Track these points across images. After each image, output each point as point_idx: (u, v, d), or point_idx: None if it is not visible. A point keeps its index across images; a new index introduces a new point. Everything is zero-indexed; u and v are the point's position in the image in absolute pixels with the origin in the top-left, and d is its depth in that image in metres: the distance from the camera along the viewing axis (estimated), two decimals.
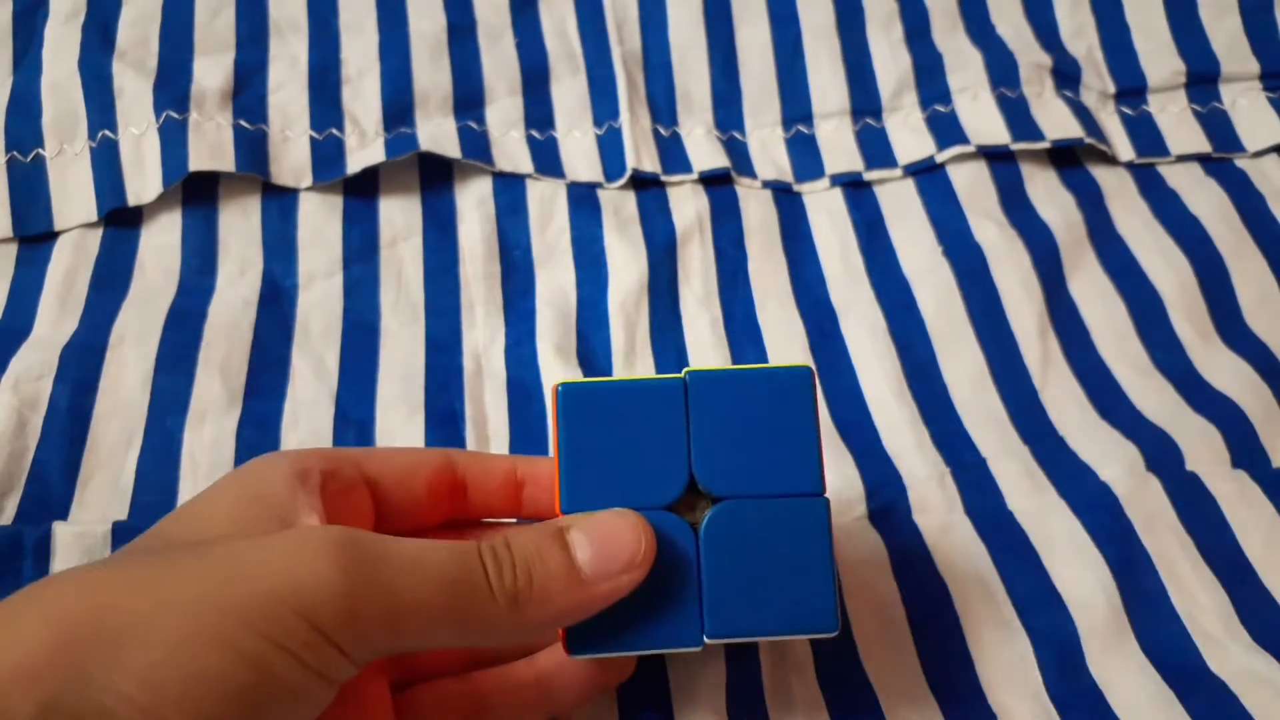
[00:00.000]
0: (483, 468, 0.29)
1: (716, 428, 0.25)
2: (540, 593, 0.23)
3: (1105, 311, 0.41)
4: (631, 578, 0.24)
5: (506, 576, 0.23)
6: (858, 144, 0.47)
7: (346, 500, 0.26)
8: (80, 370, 0.37)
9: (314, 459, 0.26)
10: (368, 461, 0.27)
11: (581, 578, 0.24)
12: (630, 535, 0.24)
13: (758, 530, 0.25)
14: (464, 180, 0.45)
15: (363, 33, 0.47)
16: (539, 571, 0.24)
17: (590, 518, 0.25)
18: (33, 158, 0.43)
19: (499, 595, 0.23)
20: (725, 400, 0.25)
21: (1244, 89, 0.48)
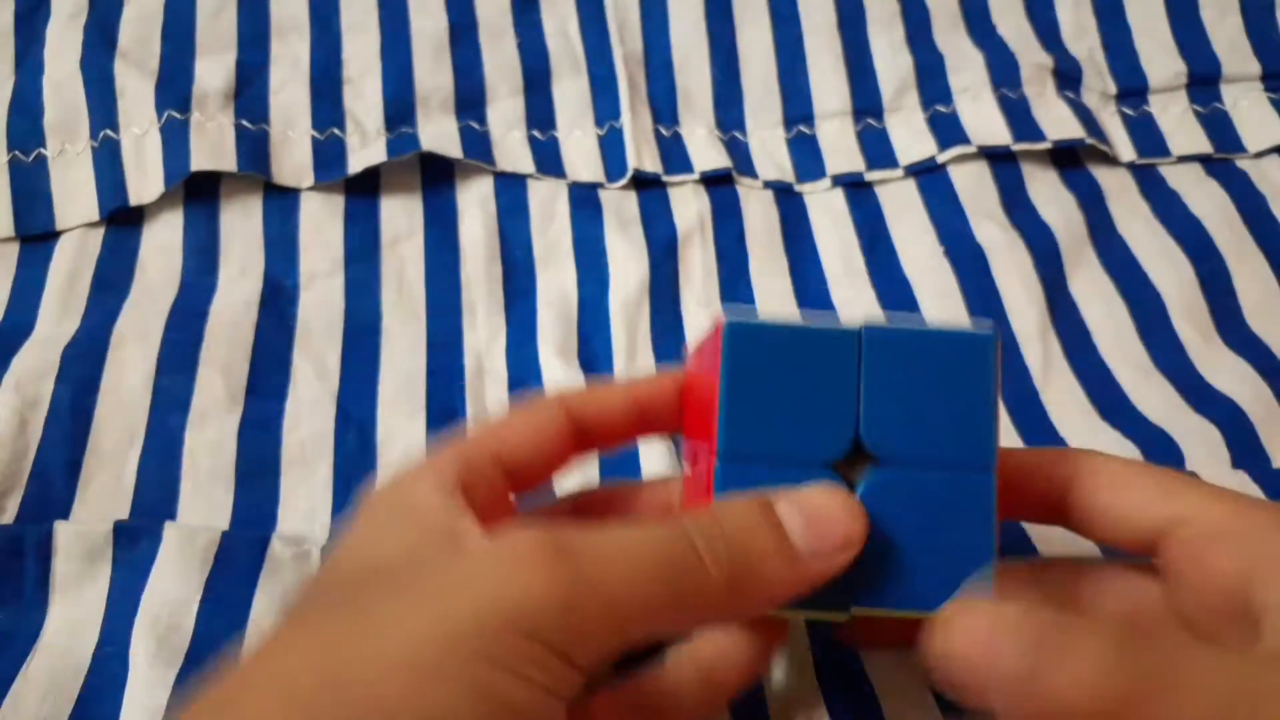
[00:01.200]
0: (600, 408, 0.27)
1: (889, 387, 0.24)
2: (758, 570, 0.22)
3: (1106, 312, 0.41)
4: (847, 555, 0.23)
5: (721, 555, 0.22)
6: (859, 144, 0.47)
7: (487, 492, 0.25)
8: (82, 370, 0.37)
9: (448, 463, 0.25)
10: (495, 444, 0.26)
11: (797, 554, 0.23)
12: (843, 512, 0.23)
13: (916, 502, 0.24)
14: (465, 180, 0.45)
15: (364, 32, 0.47)
16: (755, 549, 0.22)
17: (797, 493, 0.23)
18: (34, 157, 0.43)
19: (716, 575, 0.22)
20: (901, 360, 0.24)
21: (1245, 89, 0.48)
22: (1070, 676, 0.20)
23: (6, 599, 0.31)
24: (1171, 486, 0.25)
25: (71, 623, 0.31)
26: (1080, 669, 0.20)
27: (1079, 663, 0.20)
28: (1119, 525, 0.25)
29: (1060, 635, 0.20)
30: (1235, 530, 0.23)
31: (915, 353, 0.24)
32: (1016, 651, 0.20)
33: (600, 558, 0.21)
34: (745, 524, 0.23)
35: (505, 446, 0.26)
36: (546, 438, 0.27)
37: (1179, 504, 0.24)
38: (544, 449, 0.27)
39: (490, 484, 0.26)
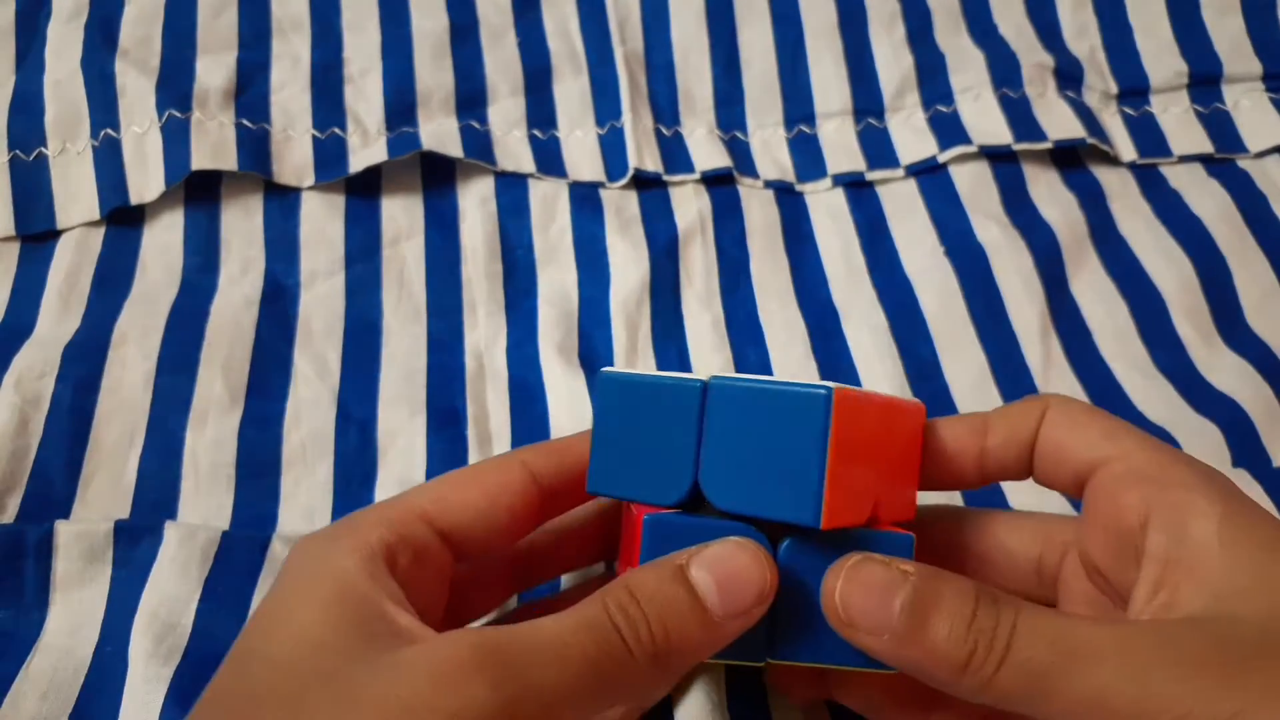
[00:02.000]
0: (559, 464, 0.27)
1: (727, 440, 0.24)
2: (677, 644, 0.23)
3: (1107, 312, 0.41)
4: (761, 610, 0.23)
5: (643, 636, 0.22)
6: (860, 144, 0.47)
7: (421, 569, 0.25)
8: (82, 369, 0.37)
9: (376, 534, 0.24)
10: (439, 515, 0.26)
11: (713, 619, 0.23)
12: (754, 567, 0.23)
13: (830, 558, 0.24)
14: (466, 180, 0.45)
15: (365, 32, 0.47)
16: (672, 623, 0.23)
17: (708, 551, 0.23)
18: (35, 156, 0.43)
19: (640, 658, 0.22)
20: (740, 413, 0.24)
21: (1246, 89, 0.48)
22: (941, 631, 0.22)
23: (7, 598, 0.31)
24: (1113, 430, 0.25)
25: (72, 622, 0.31)
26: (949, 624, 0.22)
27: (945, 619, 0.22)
28: (1062, 466, 0.26)
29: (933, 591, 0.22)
30: (1150, 474, 0.24)
31: (752, 406, 0.24)
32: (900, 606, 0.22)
33: (538, 663, 0.21)
34: (662, 598, 0.23)
35: (445, 512, 0.26)
36: (500, 506, 0.26)
37: (1113, 446, 0.25)
38: (494, 518, 0.26)
39: (423, 557, 0.25)
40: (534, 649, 0.21)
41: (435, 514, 0.25)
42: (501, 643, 0.21)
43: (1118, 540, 0.24)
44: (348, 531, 0.25)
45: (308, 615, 0.23)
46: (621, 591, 0.23)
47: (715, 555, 0.23)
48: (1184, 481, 0.23)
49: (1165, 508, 0.23)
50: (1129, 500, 0.24)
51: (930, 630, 0.22)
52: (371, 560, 0.24)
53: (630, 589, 0.23)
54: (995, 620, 0.22)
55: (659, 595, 0.23)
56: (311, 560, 0.24)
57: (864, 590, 0.23)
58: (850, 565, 0.23)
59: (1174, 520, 0.23)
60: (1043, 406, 0.26)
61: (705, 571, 0.23)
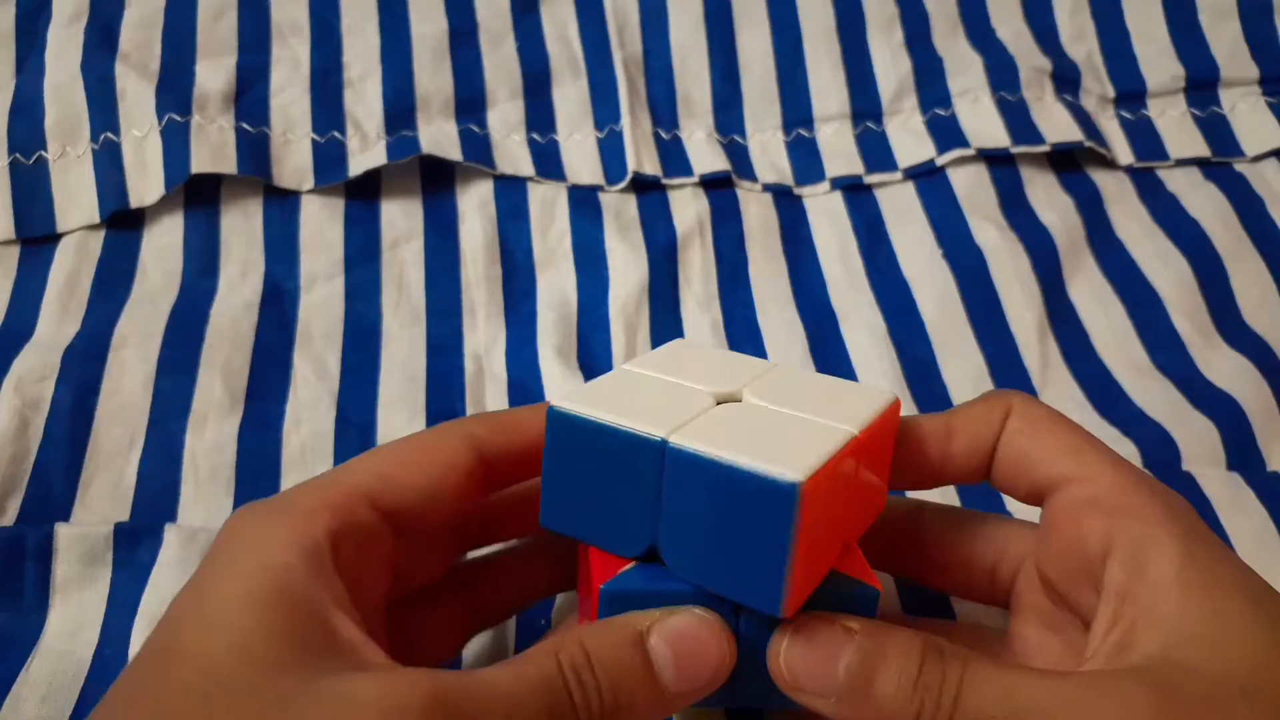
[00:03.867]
0: (511, 440, 0.26)
1: (687, 508, 0.22)
2: (624, 710, 0.22)
3: (1105, 314, 0.41)
4: (714, 687, 0.23)
5: (594, 704, 0.22)
6: (858, 147, 0.47)
7: (365, 556, 0.23)
8: (82, 372, 0.37)
9: (321, 523, 0.22)
10: (383, 495, 0.24)
11: (666, 695, 0.22)
12: (713, 646, 0.23)
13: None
14: (465, 183, 0.45)
15: (364, 36, 0.48)
16: (624, 692, 0.22)
17: (670, 623, 0.23)
18: (35, 160, 0.43)
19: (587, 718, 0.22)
20: (701, 485, 0.22)
21: (1243, 94, 0.48)
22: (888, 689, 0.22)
23: (7, 601, 0.31)
24: (1077, 445, 0.25)
25: (72, 625, 0.31)
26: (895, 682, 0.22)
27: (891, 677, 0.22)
28: (1021, 478, 0.25)
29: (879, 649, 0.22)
30: (1115, 503, 0.23)
31: (713, 481, 0.22)
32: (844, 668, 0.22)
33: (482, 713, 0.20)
34: (617, 665, 0.22)
35: (390, 490, 0.24)
36: (447, 485, 0.25)
37: (1077, 462, 0.24)
38: (440, 497, 0.24)
39: (367, 545, 0.24)
40: (487, 707, 0.20)
41: (379, 494, 0.24)
42: (454, 696, 0.20)
43: (1076, 564, 0.24)
44: (287, 518, 0.22)
45: (244, 618, 0.21)
46: (577, 650, 0.22)
47: (676, 628, 0.23)
48: (1147, 514, 0.23)
49: (1127, 541, 0.23)
50: (1090, 528, 0.23)
51: (876, 689, 0.22)
52: (316, 556, 0.22)
53: (586, 650, 0.22)
54: (942, 676, 0.21)
55: (614, 662, 0.22)
56: (248, 550, 0.22)
57: (807, 653, 0.22)
58: (794, 627, 0.23)
59: (1134, 555, 0.22)
60: (1005, 409, 0.26)
61: (664, 644, 0.22)
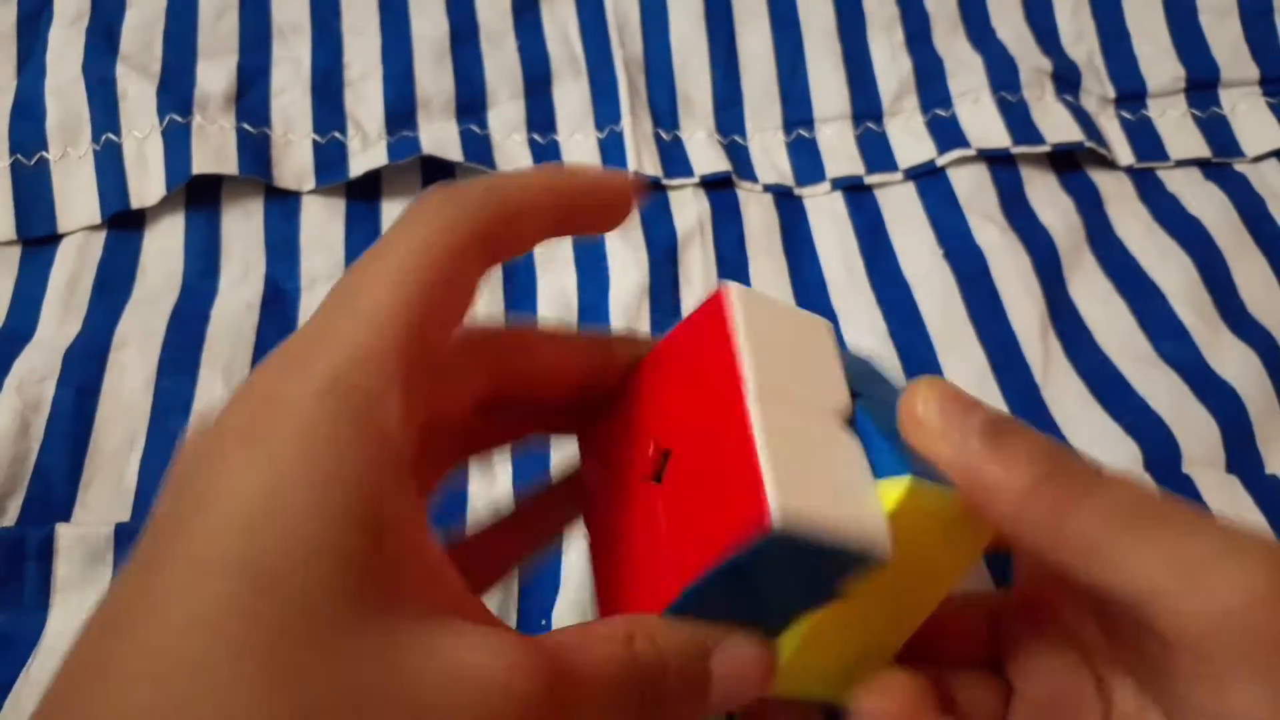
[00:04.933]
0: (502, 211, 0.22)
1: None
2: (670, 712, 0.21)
3: (1106, 314, 0.41)
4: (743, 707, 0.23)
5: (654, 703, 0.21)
6: (859, 147, 0.47)
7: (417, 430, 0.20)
8: (83, 373, 0.37)
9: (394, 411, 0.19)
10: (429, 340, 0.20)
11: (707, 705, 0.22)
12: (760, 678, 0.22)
13: None
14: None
15: (365, 36, 0.48)
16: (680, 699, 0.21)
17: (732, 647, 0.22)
18: (36, 160, 0.43)
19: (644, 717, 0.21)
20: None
21: (1244, 94, 0.48)
22: (1009, 467, 0.21)
23: (8, 601, 0.31)
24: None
25: (73, 625, 0.31)
26: (1016, 463, 0.21)
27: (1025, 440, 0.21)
28: None
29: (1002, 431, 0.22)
30: None
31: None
32: (968, 432, 0.22)
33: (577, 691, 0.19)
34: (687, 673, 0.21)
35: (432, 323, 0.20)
36: (465, 293, 0.22)
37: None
38: (463, 304, 0.22)
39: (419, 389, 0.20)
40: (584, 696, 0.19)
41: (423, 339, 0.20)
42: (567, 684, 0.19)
43: None
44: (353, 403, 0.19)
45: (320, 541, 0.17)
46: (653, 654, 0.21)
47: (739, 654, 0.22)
48: None
49: None
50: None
51: (1009, 444, 0.21)
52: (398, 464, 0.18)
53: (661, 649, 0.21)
54: (1082, 464, 0.21)
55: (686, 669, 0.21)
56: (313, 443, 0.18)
57: (944, 399, 0.22)
58: (926, 380, 0.23)
59: None
60: None
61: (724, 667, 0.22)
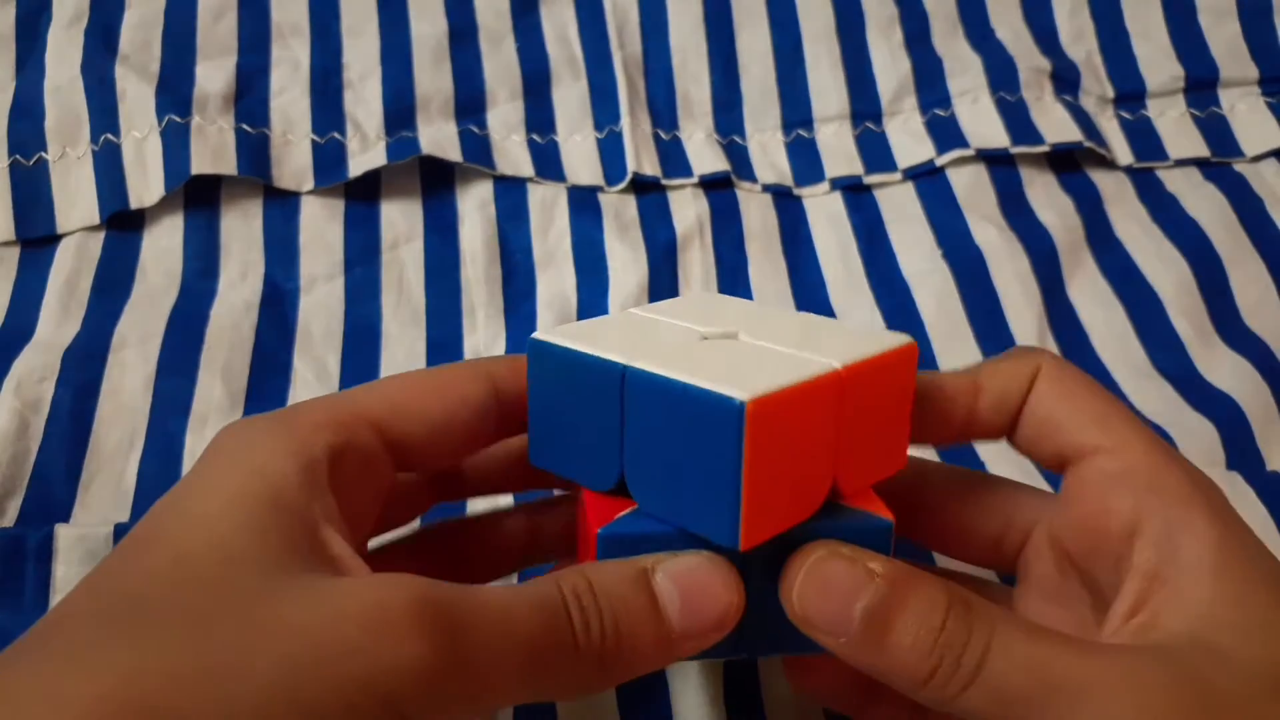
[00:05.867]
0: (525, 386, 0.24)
1: (646, 434, 0.22)
2: (628, 649, 0.21)
3: (1104, 314, 0.42)
4: (720, 635, 0.22)
5: (594, 633, 0.20)
6: (858, 148, 0.47)
7: (361, 482, 0.22)
8: (82, 373, 0.37)
9: (321, 438, 0.21)
10: (392, 421, 0.22)
11: (670, 635, 0.21)
12: (722, 590, 0.21)
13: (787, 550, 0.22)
14: (465, 184, 0.45)
15: (364, 37, 0.48)
16: (626, 628, 0.21)
17: (678, 562, 0.22)
18: (35, 161, 0.43)
19: (585, 656, 0.20)
20: (657, 407, 0.22)
21: (1242, 94, 0.48)
22: (905, 640, 0.20)
23: (7, 601, 0.31)
24: (1107, 413, 0.24)
25: None
26: (913, 634, 0.20)
27: (910, 628, 0.20)
28: (1045, 441, 0.24)
29: (899, 597, 0.21)
30: (1147, 480, 0.23)
31: (667, 402, 0.21)
32: (860, 611, 0.21)
33: (480, 631, 0.19)
34: (620, 594, 0.21)
35: (398, 420, 0.23)
36: (454, 418, 0.23)
37: (1106, 432, 0.24)
38: (452, 430, 0.23)
39: (365, 470, 0.22)
40: (480, 616, 0.19)
41: (387, 421, 0.22)
42: (447, 601, 0.19)
43: (1098, 539, 0.23)
44: (287, 428, 0.21)
45: (230, 518, 0.19)
46: (579, 579, 0.21)
47: (684, 568, 0.22)
48: (1181, 494, 0.22)
49: (1158, 521, 0.22)
50: (1119, 504, 0.23)
51: (892, 638, 0.20)
52: (311, 469, 0.21)
53: (590, 579, 0.21)
54: (967, 635, 0.20)
55: (618, 594, 0.21)
56: (241, 453, 0.21)
57: (823, 589, 0.21)
58: (812, 561, 0.21)
59: (1166, 536, 0.22)
60: (1034, 368, 0.25)
61: (670, 582, 0.21)
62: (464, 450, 0.24)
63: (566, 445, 0.23)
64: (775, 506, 0.22)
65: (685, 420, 0.21)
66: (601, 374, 0.22)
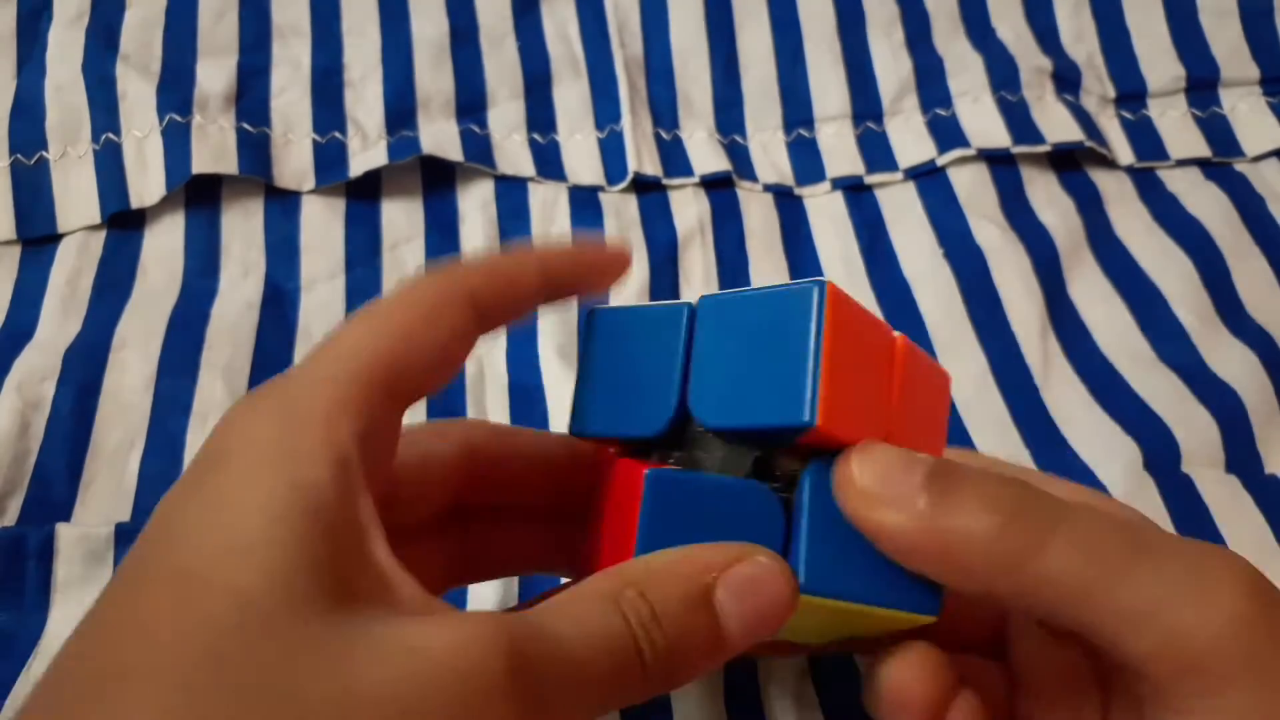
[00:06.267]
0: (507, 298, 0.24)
1: (716, 354, 0.23)
2: (685, 667, 0.21)
3: (1106, 312, 0.41)
4: (772, 635, 0.21)
5: (661, 660, 0.20)
6: (859, 147, 0.47)
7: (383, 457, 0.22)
8: (83, 372, 0.37)
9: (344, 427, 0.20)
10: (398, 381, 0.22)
11: (728, 644, 0.21)
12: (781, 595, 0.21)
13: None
14: (466, 183, 0.45)
15: (365, 36, 0.48)
16: (690, 648, 0.20)
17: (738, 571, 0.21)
18: (36, 160, 0.43)
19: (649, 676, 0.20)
20: (730, 325, 0.23)
21: (1244, 94, 0.48)
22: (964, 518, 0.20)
23: (8, 601, 0.31)
24: None
25: (73, 625, 0.30)
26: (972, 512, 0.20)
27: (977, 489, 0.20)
28: None
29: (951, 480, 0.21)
30: None
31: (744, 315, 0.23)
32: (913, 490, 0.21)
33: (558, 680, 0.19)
34: (685, 623, 0.20)
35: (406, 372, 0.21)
36: (450, 353, 0.22)
37: None
38: (445, 365, 0.22)
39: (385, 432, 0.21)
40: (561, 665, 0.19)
41: (395, 382, 0.21)
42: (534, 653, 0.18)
43: None
44: (304, 420, 0.19)
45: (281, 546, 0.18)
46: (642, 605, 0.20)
47: (747, 579, 0.21)
48: None
49: None
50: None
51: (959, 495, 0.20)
52: (346, 469, 0.19)
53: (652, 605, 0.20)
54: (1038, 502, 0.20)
55: (683, 621, 0.20)
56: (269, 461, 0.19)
57: (884, 465, 0.21)
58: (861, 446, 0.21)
59: None
60: None
61: (732, 598, 0.21)
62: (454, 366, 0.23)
63: (615, 402, 0.24)
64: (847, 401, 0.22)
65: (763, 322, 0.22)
66: (670, 315, 0.24)
